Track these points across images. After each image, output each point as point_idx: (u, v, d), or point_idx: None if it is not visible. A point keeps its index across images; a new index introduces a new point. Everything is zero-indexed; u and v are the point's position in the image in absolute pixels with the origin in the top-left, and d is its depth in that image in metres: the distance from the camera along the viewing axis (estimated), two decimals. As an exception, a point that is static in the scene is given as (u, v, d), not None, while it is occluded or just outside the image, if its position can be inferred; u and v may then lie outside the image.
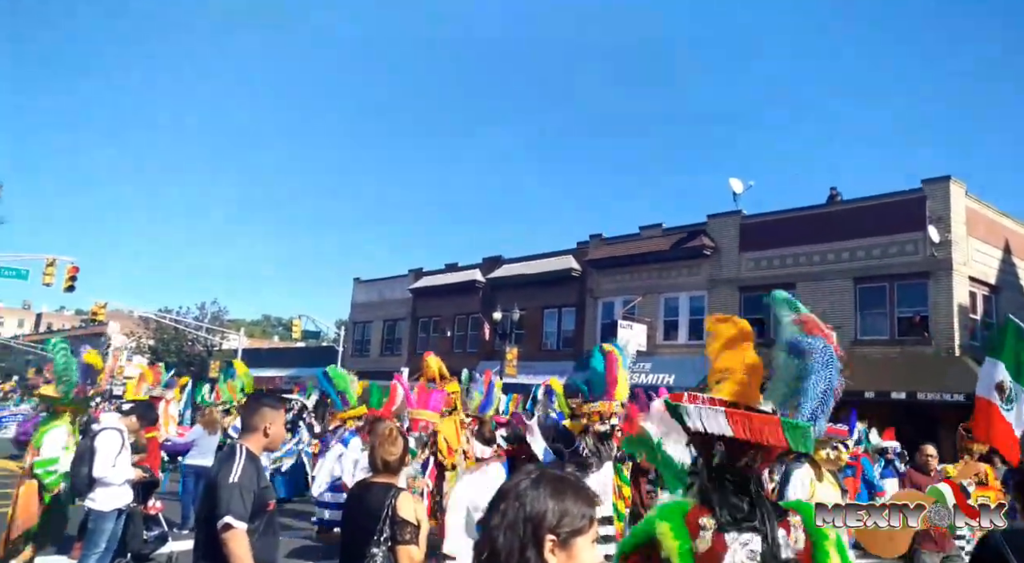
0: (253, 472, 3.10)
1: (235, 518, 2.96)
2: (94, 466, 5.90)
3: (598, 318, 24.54)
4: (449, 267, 31.66)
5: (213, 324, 45.13)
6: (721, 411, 2.10)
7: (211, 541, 3.00)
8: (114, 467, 5.94)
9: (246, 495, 3.01)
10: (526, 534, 1.41)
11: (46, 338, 71.19)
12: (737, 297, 20.97)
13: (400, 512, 2.99)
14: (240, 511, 2.98)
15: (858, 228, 18.55)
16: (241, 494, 3.01)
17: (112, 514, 6.01)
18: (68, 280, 25.24)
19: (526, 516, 1.42)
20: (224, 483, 3.00)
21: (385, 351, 33.70)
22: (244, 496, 3.01)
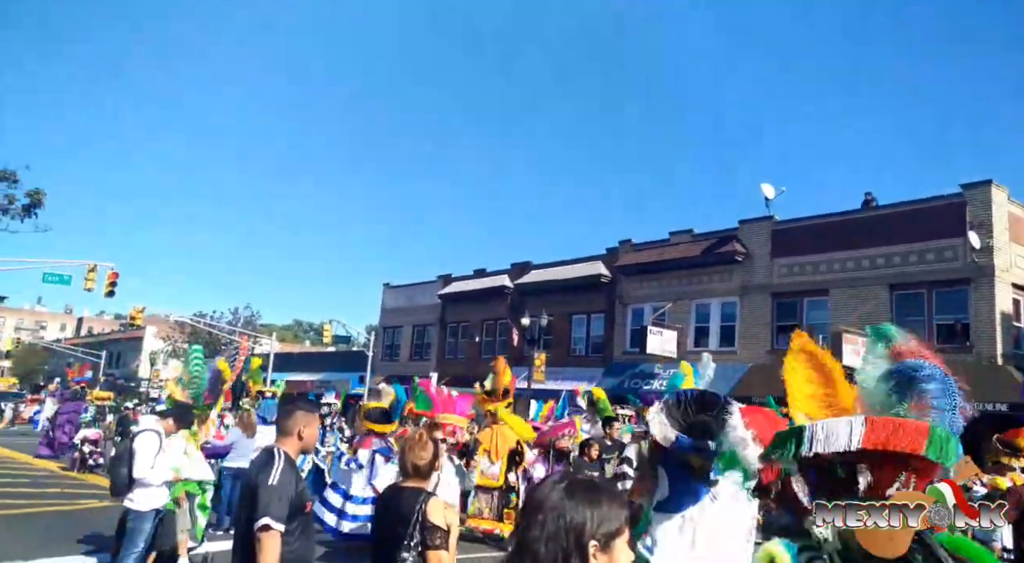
0: (291, 475, 3.16)
1: (273, 519, 3.01)
2: (133, 467, 6.05)
3: (627, 324, 24.39)
4: (478, 273, 31.78)
5: (246, 328, 45.96)
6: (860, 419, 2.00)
7: (249, 542, 3.06)
8: (152, 468, 6.08)
9: (284, 497, 3.07)
10: (569, 544, 1.46)
11: (87, 341, 73.32)
12: (769, 303, 20.68)
13: (430, 517, 3.00)
14: (279, 513, 3.03)
15: (895, 234, 18.17)
16: (280, 496, 3.06)
17: (150, 514, 6.15)
18: (108, 285, 25.92)
19: (567, 527, 1.47)
20: (263, 485, 3.07)
21: (415, 356, 33.94)
22: (283, 498, 3.06)
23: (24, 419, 29.94)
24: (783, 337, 20.53)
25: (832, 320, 18.85)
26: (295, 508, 3.13)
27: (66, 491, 12.12)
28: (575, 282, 26.07)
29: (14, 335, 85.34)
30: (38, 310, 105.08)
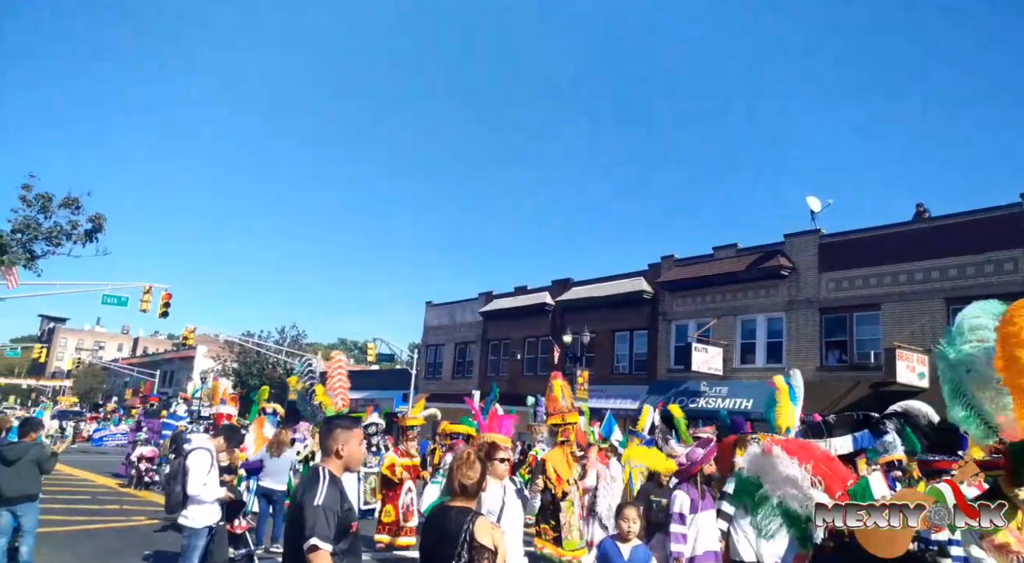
0: (336, 494, 3.16)
1: (320, 539, 3.03)
2: (187, 484, 6.20)
3: (671, 341, 24.06)
4: (519, 290, 31.83)
5: (292, 347, 46.84)
6: None
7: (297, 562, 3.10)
8: (205, 485, 6.23)
9: (330, 516, 3.07)
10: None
11: (142, 361, 75.78)
12: (817, 318, 20.16)
13: (478, 537, 3.00)
14: (325, 532, 3.04)
15: (950, 246, 17.56)
16: (326, 516, 3.07)
17: (204, 531, 6.27)
18: (163, 306, 26.86)
19: None
20: (309, 505, 3.08)
21: (456, 374, 34.07)
22: (328, 517, 3.07)
23: (84, 437, 31.08)
24: (832, 353, 19.97)
25: (884, 335, 18.26)
26: (341, 528, 3.13)
27: (125, 508, 12.50)
28: (617, 298, 25.88)
29: (75, 355, 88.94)
30: (97, 331, 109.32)
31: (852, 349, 19.40)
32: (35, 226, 17.69)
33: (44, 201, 17.65)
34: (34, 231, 17.67)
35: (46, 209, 17.73)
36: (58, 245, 18.00)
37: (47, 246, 17.96)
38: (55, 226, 17.88)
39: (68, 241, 18.05)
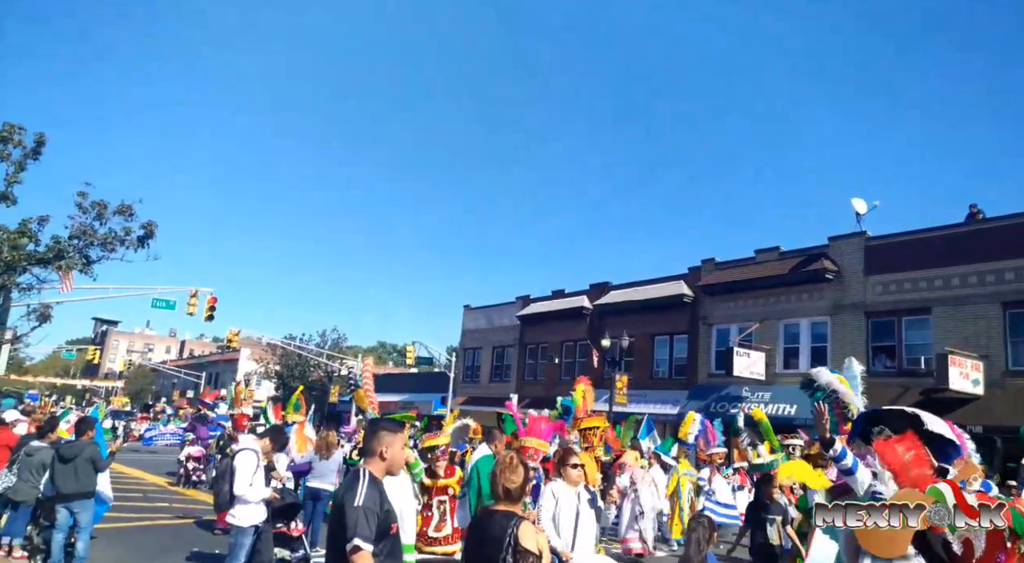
0: (376, 495, 3.16)
1: (362, 540, 3.05)
2: (234, 484, 6.36)
3: (712, 345, 23.70)
4: (556, 293, 31.76)
5: (333, 350, 47.59)
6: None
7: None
8: (251, 485, 6.37)
9: (371, 517, 3.08)
10: None
11: (189, 363, 77.93)
12: (863, 323, 19.62)
13: (522, 541, 3.00)
14: (366, 533, 3.05)
15: (1006, 247, 16.92)
16: (366, 516, 3.08)
17: (250, 530, 6.42)
18: (208, 310, 27.61)
19: None
20: (350, 506, 3.11)
21: (494, 377, 34.14)
22: (369, 518, 3.08)
23: (135, 437, 32.06)
24: (879, 358, 19.41)
25: (935, 340, 17.67)
26: (381, 529, 3.13)
27: (175, 506, 12.85)
28: (656, 302, 25.62)
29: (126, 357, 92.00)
30: (147, 333, 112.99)
31: (901, 354, 18.82)
32: (91, 232, 18.38)
33: (100, 208, 18.33)
34: (90, 237, 18.36)
35: (101, 215, 18.41)
36: (112, 250, 18.66)
37: (102, 251, 18.65)
38: (110, 232, 18.55)
39: (122, 246, 18.71)
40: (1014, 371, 16.44)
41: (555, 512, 5.25)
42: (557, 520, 5.22)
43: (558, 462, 5.59)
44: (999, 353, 16.75)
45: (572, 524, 5.16)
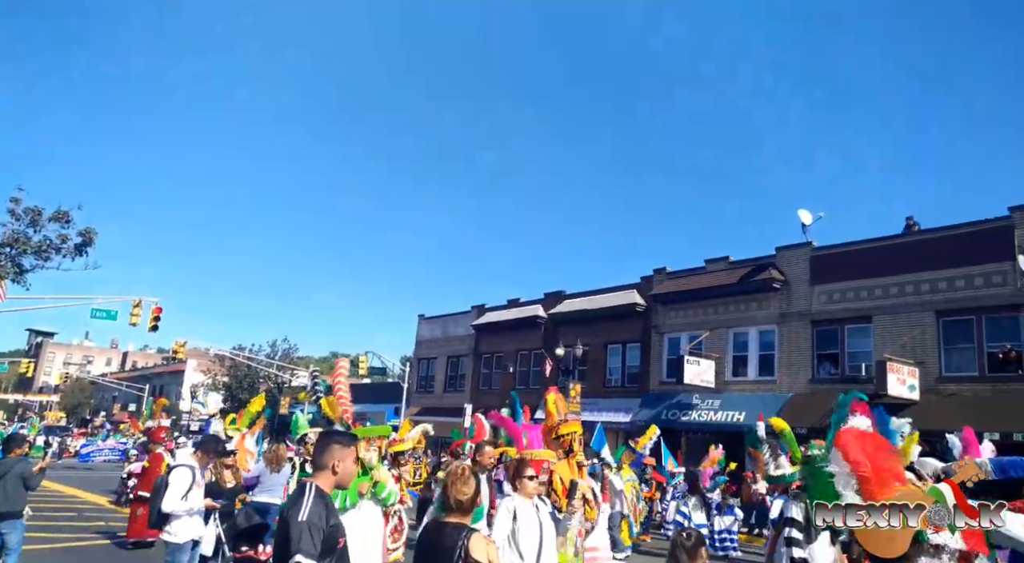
0: (322, 509, 3.10)
1: (304, 556, 2.98)
2: (163, 500, 6.18)
3: (664, 354, 24.06)
4: (511, 303, 31.81)
5: (283, 361, 46.54)
6: None
7: None
8: (184, 500, 6.21)
9: (315, 533, 3.01)
10: None
11: (131, 376, 75.11)
12: (809, 331, 20.22)
13: (473, 553, 2.98)
14: (309, 549, 2.98)
15: (940, 259, 17.69)
16: (310, 531, 3.01)
17: (186, 545, 6.27)
18: (153, 320, 26.61)
19: None
20: (294, 521, 3.04)
21: (449, 387, 33.92)
22: (313, 534, 3.01)
23: (71, 453, 30.69)
24: (823, 365, 20.01)
25: (875, 348, 18.33)
26: (327, 544, 3.06)
27: (110, 524, 12.31)
28: (609, 311, 25.90)
29: (63, 370, 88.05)
30: (86, 345, 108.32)
31: (844, 362, 19.45)
32: (24, 240, 17.56)
33: (34, 215, 17.55)
34: (23, 245, 17.54)
35: (36, 222, 17.62)
36: (47, 259, 17.87)
37: (36, 260, 17.83)
38: (44, 240, 17.76)
39: (57, 255, 17.93)
40: (946, 377, 17.16)
41: (514, 530, 4.80)
42: (517, 538, 4.79)
43: (513, 474, 5.12)
44: (933, 360, 17.48)
45: (537, 541, 4.80)
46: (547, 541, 4.86)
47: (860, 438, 3.82)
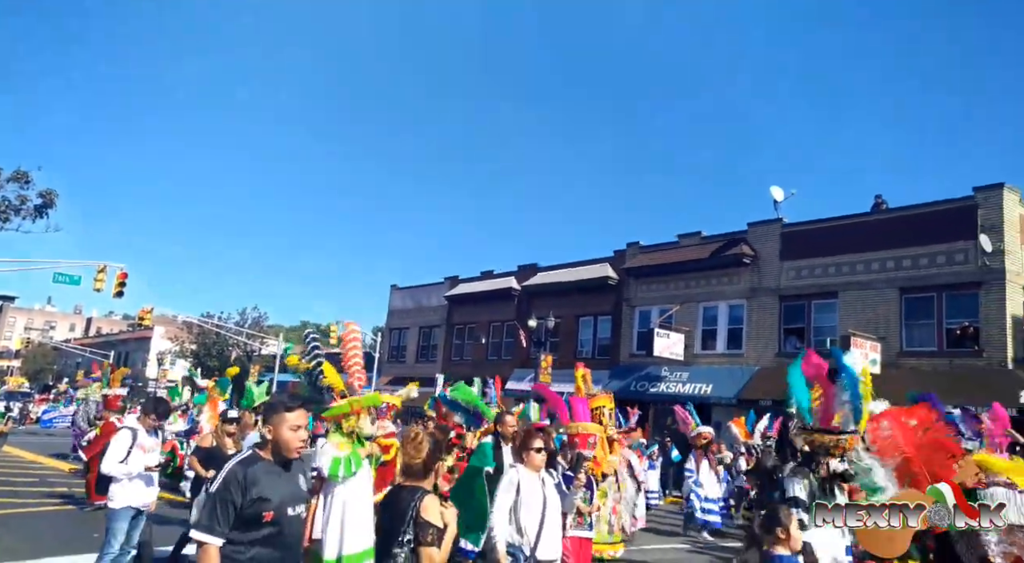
0: (237, 480, 2.90)
1: (200, 531, 2.86)
2: (102, 463, 5.98)
3: (634, 327, 24.32)
4: (485, 275, 31.78)
5: (253, 329, 46.06)
6: None
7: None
8: (123, 463, 5.90)
9: (221, 506, 2.85)
10: None
11: (96, 342, 73.73)
12: (777, 306, 20.59)
13: (423, 514, 3.00)
14: (207, 523, 2.85)
15: (905, 237, 18.06)
16: (214, 504, 2.87)
17: (124, 512, 5.89)
18: (117, 285, 26.01)
19: None
20: (205, 492, 3.00)
21: (421, 357, 33.95)
22: (218, 507, 2.86)
23: (32, 419, 30.11)
24: (790, 340, 20.43)
25: (840, 323, 18.74)
26: (245, 518, 2.88)
27: (74, 490, 12.16)
28: (582, 284, 26.02)
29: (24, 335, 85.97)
30: (48, 310, 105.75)
31: (810, 336, 19.87)
32: (-19, 199, 16.99)
33: (-10, 174, 16.95)
34: (-20, 205, 16.98)
35: (-7, 182, 17.03)
36: (6, 220, 17.33)
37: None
38: (3, 201, 17.19)
39: (16, 216, 17.39)
40: (907, 352, 17.65)
41: (516, 503, 4.64)
42: (518, 513, 4.64)
43: (519, 445, 4.94)
44: (895, 335, 17.95)
45: (539, 515, 4.64)
46: (550, 515, 4.69)
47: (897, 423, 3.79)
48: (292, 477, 3.11)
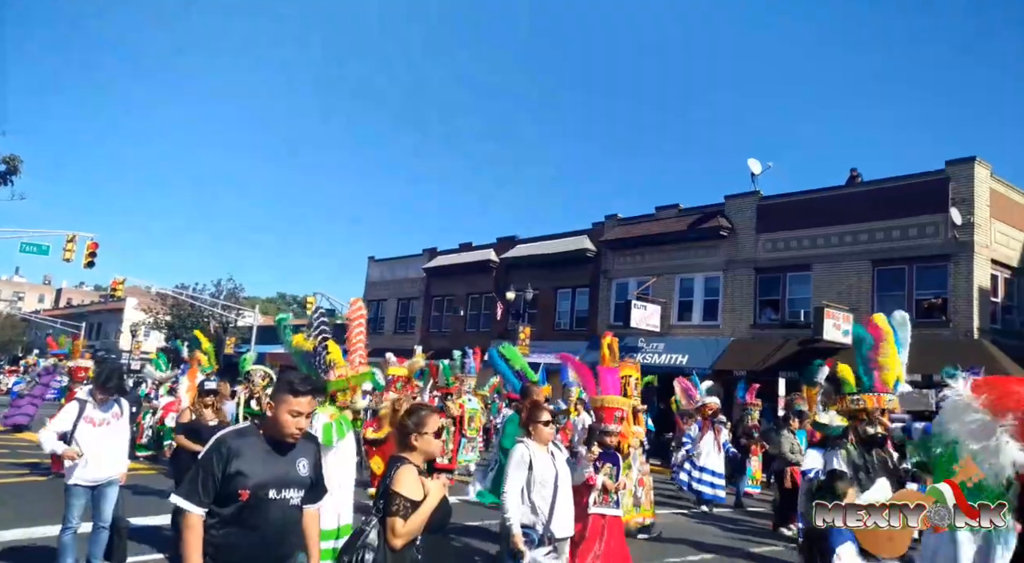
0: (220, 453, 2.84)
1: (179, 496, 2.83)
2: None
3: (612, 298, 24.47)
4: (463, 247, 31.65)
5: (229, 301, 45.54)
6: None
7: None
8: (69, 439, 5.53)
9: (204, 475, 2.81)
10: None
11: (66, 313, 72.38)
12: (753, 278, 20.81)
13: (393, 485, 2.94)
14: (188, 490, 2.81)
15: (878, 210, 18.27)
16: (198, 473, 2.83)
17: (75, 490, 5.55)
18: (88, 256, 25.50)
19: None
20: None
21: (399, 329, 33.89)
22: (200, 476, 2.81)
23: (2, 390, 29.65)
24: (765, 311, 20.71)
25: (814, 295, 19.01)
26: (225, 493, 2.82)
27: (45, 461, 12.01)
28: (561, 256, 26.05)
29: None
30: (16, 281, 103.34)
31: (784, 308, 20.16)
32: (-60, 165, 16.41)
33: (-50, 138, 16.35)
34: (-60, 171, 16.40)
35: (-48, 147, 16.43)
36: (-33, 187, 16.78)
37: (-45, 188, 16.72)
38: (-37, 166, 16.63)
39: (-21, 183, 16.84)
40: (879, 323, 18.01)
41: (529, 480, 4.41)
42: (531, 491, 4.42)
43: (527, 418, 4.69)
44: (866, 306, 18.24)
45: (551, 491, 4.43)
46: (562, 489, 4.50)
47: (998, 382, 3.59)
48: (287, 460, 2.99)
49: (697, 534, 9.30)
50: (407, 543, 2.89)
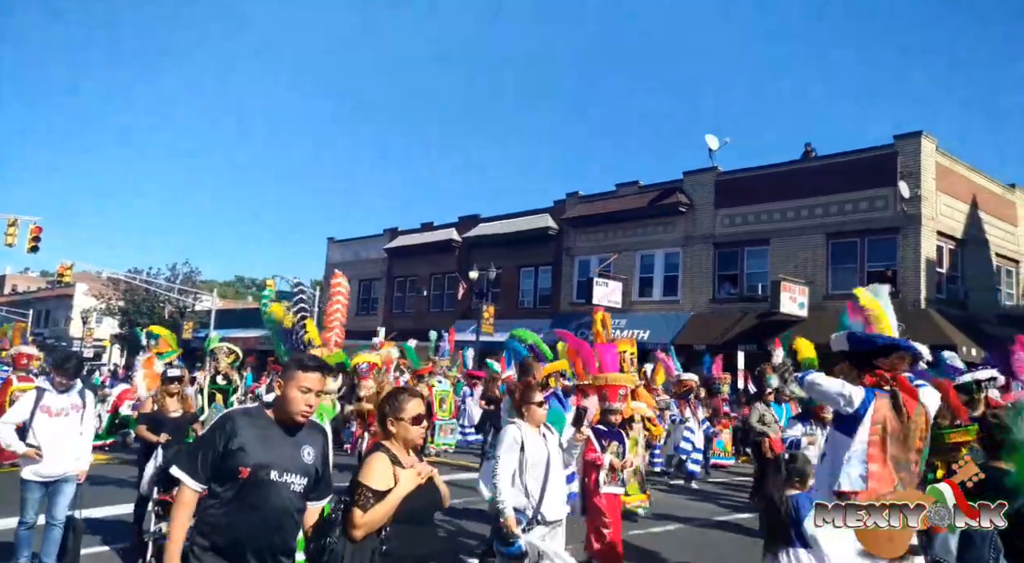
0: (220, 429, 2.82)
1: (178, 468, 2.82)
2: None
3: (574, 276, 24.62)
4: (425, 226, 31.37)
5: (185, 285, 44.36)
6: None
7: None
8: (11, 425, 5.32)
9: (202, 449, 2.81)
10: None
11: (11, 300, 69.66)
12: (711, 253, 21.14)
13: (359, 473, 2.89)
14: (185, 463, 2.81)
15: (831, 184, 18.68)
16: (197, 448, 2.83)
17: (31, 485, 5.34)
18: (31, 240, 24.49)
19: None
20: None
21: (361, 311, 33.52)
22: (200, 449, 2.82)
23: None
24: (724, 286, 21.11)
25: (771, 269, 19.42)
26: (223, 469, 2.78)
27: None
28: (523, 235, 26.04)
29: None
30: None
31: (743, 282, 20.56)
32: None
33: None
34: None
35: None
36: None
37: None
38: None
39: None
40: (833, 295, 18.49)
41: (522, 462, 4.32)
42: (524, 474, 4.32)
43: (520, 399, 4.58)
44: (822, 279, 18.76)
45: (543, 473, 4.34)
46: (554, 472, 4.42)
47: None
48: (292, 444, 2.91)
49: (665, 507, 9.45)
50: (368, 533, 2.79)
